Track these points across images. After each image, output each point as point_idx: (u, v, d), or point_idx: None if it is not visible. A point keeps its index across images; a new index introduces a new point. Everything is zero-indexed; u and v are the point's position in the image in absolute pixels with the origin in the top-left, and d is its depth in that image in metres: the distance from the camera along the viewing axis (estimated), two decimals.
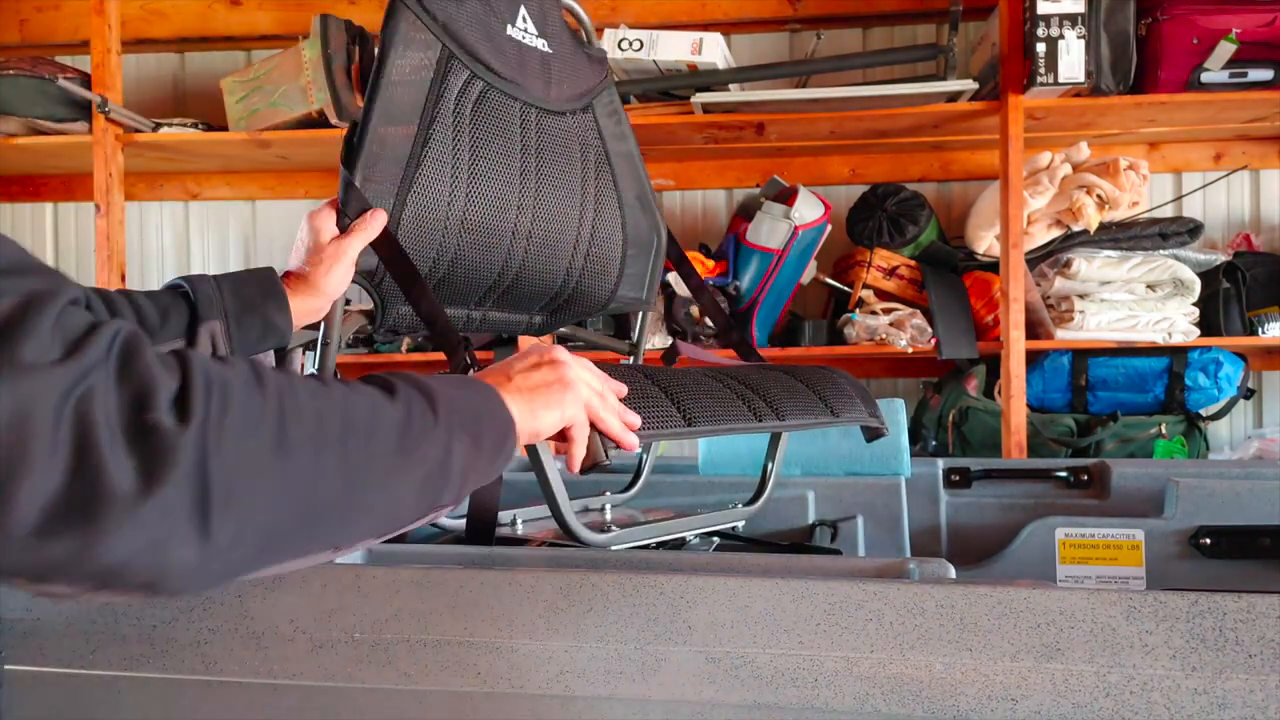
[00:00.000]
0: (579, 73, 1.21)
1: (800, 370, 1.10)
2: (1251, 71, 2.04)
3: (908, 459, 1.40)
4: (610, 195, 1.25)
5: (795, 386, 1.04)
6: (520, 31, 1.11)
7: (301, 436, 0.49)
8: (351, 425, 0.52)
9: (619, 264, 1.27)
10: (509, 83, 1.10)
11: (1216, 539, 1.24)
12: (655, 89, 2.24)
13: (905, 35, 2.56)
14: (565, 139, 1.19)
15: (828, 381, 1.09)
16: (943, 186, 2.61)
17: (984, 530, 1.46)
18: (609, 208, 1.25)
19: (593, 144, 1.23)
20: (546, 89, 1.15)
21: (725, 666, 0.59)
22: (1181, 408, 2.22)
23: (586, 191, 1.22)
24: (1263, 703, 0.54)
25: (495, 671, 0.61)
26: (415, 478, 0.56)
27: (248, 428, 0.46)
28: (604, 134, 1.25)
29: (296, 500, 0.49)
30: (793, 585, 0.62)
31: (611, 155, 1.26)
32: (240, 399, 0.46)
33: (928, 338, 2.24)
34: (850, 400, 1.08)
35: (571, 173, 1.19)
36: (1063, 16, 2.01)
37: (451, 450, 0.58)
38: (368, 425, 0.53)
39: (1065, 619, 0.57)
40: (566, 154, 1.19)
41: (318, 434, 0.50)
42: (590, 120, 1.23)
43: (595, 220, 1.23)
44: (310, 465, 0.49)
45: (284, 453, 0.47)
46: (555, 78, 1.17)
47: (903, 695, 0.57)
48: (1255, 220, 2.53)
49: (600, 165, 1.24)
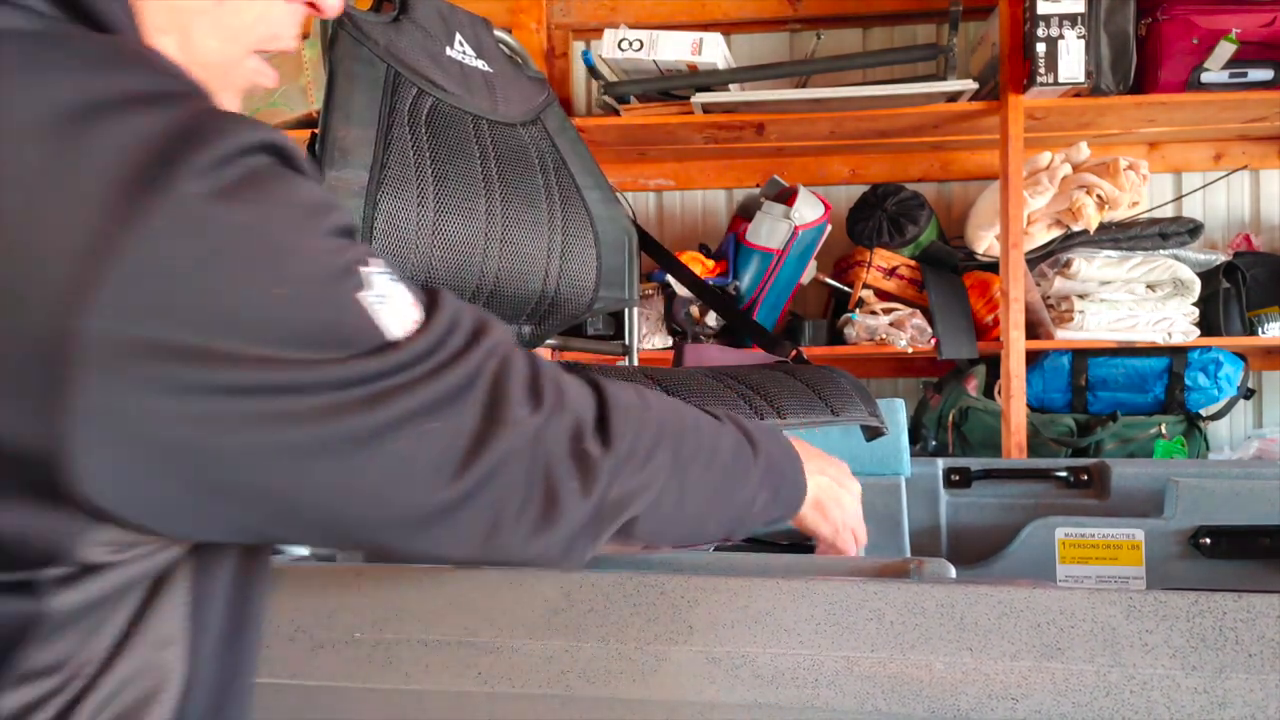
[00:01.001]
0: (523, 90, 1.26)
1: (801, 369, 1.11)
2: (1251, 71, 2.04)
3: (908, 459, 1.40)
4: (574, 198, 1.28)
5: (795, 385, 1.04)
6: (459, 53, 1.16)
7: (672, 455, 0.61)
8: (714, 456, 0.64)
9: (595, 265, 1.29)
10: (456, 96, 1.13)
11: (1216, 539, 1.24)
12: (655, 89, 2.23)
13: (905, 35, 2.56)
14: (520, 148, 1.22)
15: (828, 381, 1.09)
16: (943, 186, 2.61)
17: (984, 530, 1.46)
18: (575, 210, 1.27)
19: (548, 151, 1.26)
20: (494, 104, 1.19)
21: (726, 666, 0.60)
22: (1181, 408, 2.22)
23: (551, 196, 1.24)
24: (1262, 702, 0.54)
25: (496, 671, 0.61)
26: (727, 510, 0.66)
27: (641, 446, 0.58)
28: (556, 142, 1.28)
29: (667, 503, 0.61)
30: (793, 585, 0.62)
31: (568, 160, 1.28)
32: (636, 420, 0.58)
33: (928, 338, 2.24)
34: (850, 399, 1.08)
35: (532, 179, 1.22)
36: (1063, 16, 2.01)
37: (756, 497, 0.67)
38: (720, 454, 0.65)
39: (1065, 618, 0.57)
40: (524, 161, 1.22)
41: (682, 452, 0.61)
42: (541, 130, 1.27)
43: (564, 224, 1.25)
44: (680, 480, 0.61)
45: (676, 467, 0.60)
46: (500, 95, 1.21)
47: (903, 695, 0.57)
48: (1255, 220, 2.53)
49: (559, 170, 1.27)
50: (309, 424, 0.42)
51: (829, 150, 2.54)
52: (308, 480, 0.43)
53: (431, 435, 0.46)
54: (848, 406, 1.07)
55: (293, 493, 0.43)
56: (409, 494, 0.47)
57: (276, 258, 0.41)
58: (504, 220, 1.17)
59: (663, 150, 2.51)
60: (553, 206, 1.24)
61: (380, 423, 0.44)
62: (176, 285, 0.37)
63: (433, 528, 0.49)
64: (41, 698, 0.42)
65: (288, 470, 0.43)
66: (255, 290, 0.40)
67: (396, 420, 0.44)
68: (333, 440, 0.43)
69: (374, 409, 0.43)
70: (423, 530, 0.49)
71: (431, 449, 0.46)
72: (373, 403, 0.43)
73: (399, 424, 0.44)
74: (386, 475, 0.45)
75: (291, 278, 0.41)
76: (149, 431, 0.38)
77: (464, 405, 0.48)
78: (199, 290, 0.38)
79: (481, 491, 0.49)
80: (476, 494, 0.49)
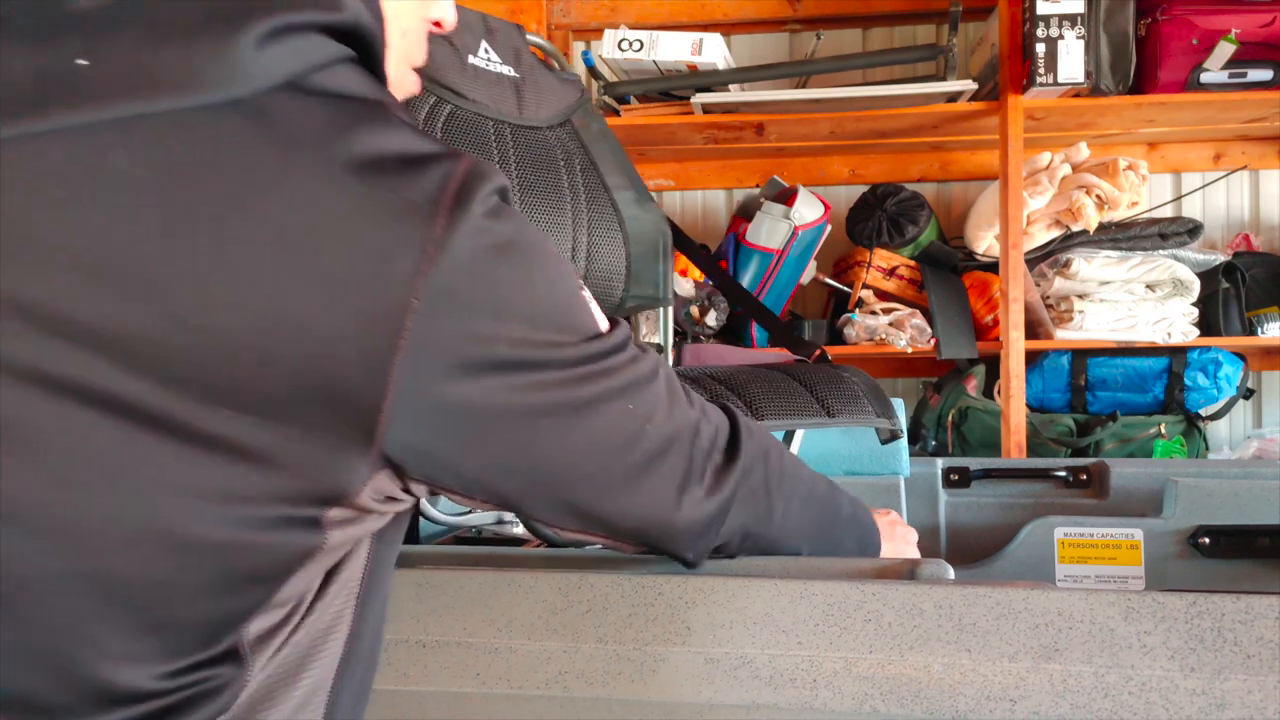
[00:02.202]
0: (554, 93, 1.26)
1: (807, 369, 1.11)
2: (1251, 72, 2.04)
3: (907, 459, 1.40)
4: (602, 199, 1.27)
5: (789, 386, 1.04)
6: (484, 60, 1.18)
7: (788, 493, 0.69)
8: (814, 499, 0.74)
9: (623, 264, 1.28)
10: (476, 103, 1.16)
11: (1215, 539, 1.24)
12: (655, 89, 2.23)
13: (905, 35, 2.56)
14: (544, 150, 1.22)
15: (833, 381, 1.09)
16: (942, 186, 2.61)
17: (983, 530, 1.46)
18: (602, 210, 1.27)
19: (576, 152, 1.26)
20: (519, 108, 1.21)
21: (724, 667, 0.60)
22: (1181, 408, 2.22)
23: (576, 198, 1.24)
24: (1261, 703, 0.54)
25: (494, 672, 0.61)
26: (820, 544, 0.75)
27: (757, 475, 0.65)
28: (585, 143, 1.28)
29: (775, 531, 0.69)
30: (791, 586, 0.62)
31: (597, 161, 1.28)
32: (758, 444, 0.66)
33: (927, 338, 2.24)
34: (856, 401, 1.08)
35: (556, 181, 1.22)
36: (1062, 17, 2.01)
37: (843, 539, 0.78)
38: (824, 503, 0.75)
39: (1064, 620, 0.57)
40: (547, 163, 1.22)
41: (796, 497, 0.70)
42: (570, 131, 1.27)
43: (589, 223, 1.25)
44: (788, 516, 0.69)
45: (782, 501, 0.68)
46: (527, 100, 1.22)
47: (901, 696, 0.57)
48: (1255, 220, 2.53)
49: (587, 171, 1.26)
50: (555, 391, 0.51)
51: (829, 150, 2.54)
52: (538, 437, 0.52)
53: (627, 415, 0.55)
54: (850, 408, 1.06)
55: (526, 446, 0.52)
56: (610, 457, 0.56)
57: (544, 259, 0.51)
58: None
59: (663, 150, 2.51)
60: (577, 206, 1.24)
61: (595, 394, 0.53)
62: (476, 282, 0.48)
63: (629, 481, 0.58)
64: (275, 625, 0.50)
65: (529, 429, 0.51)
66: (535, 285, 0.50)
67: (607, 394, 0.54)
68: (562, 406, 0.52)
69: (595, 382, 0.53)
70: (628, 485, 0.57)
71: (628, 425, 0.55)
72: (593, 378, 0.53)
73: (609, 397, 0.54)
74: (593, 438, 0.54)
75: (556, 276, 0.52)
76: (442, 401, 0.47)
77: (652, 389, 0.57)
78: (493, 284, 0.48)
79: (664, 457, 0.58)
80: (660, 460, 0.58)
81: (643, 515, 0.58)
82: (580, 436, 0.53)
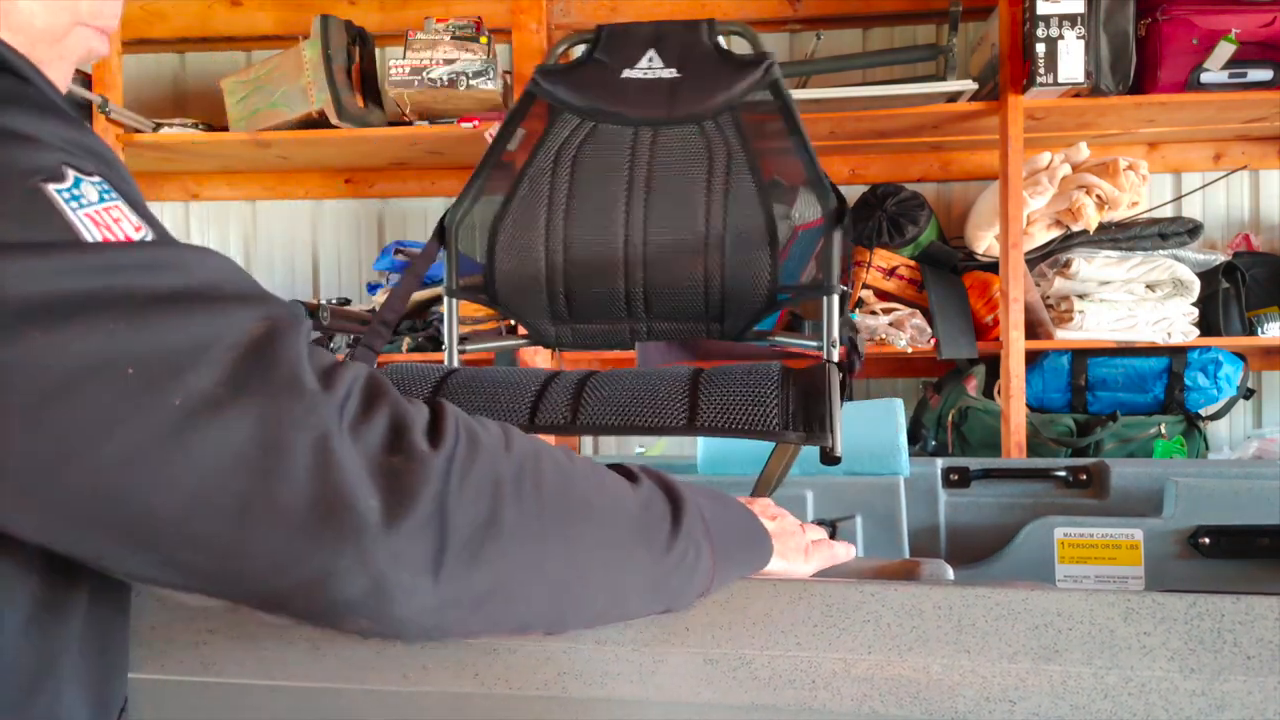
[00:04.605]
0: (717, 83, 1.25)
1: (725, 373, 1.02)
2: (1251, 72, 2.04)
3: (906, 459, 1.40)
4: (747, 188, 1.25)
5: (667, 391, 0.98)
6: (642, 70, 1.25)
7: (538, 503, 0.48)
8: (588, 506, 0.51)
9: (768, 255, 1.25)
10: (617, 115, 1.25)
11: (1215, 539, 1.24)
12: None
13: (905, 35, 2.56)
14: (683, 146, 1.26)
15: (731, 386, 0.98)
16: (942, 186, 2.61)
17: (983, 530, 1.46)
18: (745, 201, 1.25)
19: (720, 145, 1.26)
20: (670, 109, 1.24)
21: (723, 668, 0.60)
22: (1181, 408, 2.22)
23: (714, 190, 1.25)
24: (1261, 704, 0.54)
25: (493, 673, 0.61)
26: (644, 577, 0.54)
27: (487, 478, 0.46)
28: (745, 132, 1.25)
29: (521, 563, 0.48)
30: (790, 586, 0.62)
31: (753, 149, 1.25)
32: (487, 448, 0.47)
33: (927, 338, 2.24)
34: (729, 413, 0.95)
35: (692, 175, 1.25)
36: (1062, 17, 2.01)
37: (687, 556, 0.56)
38: (605, 510, 0.52)
39: (1063, 620, 0.57)
40: (685, 158, 1.26)
41: (555, 505, 0.49)
42: (728, 120, 1.25)
43: (728, 216, 1.24)
44: (541, 535, 0.48)
45: (518, 513, 0.47)
46: (680, 98, 1.24)
47: (900, 697, 0.57)
48: (1255, 220, 2.53)
49: (735, 160, 1.25)
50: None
51: (829, 150, 2.54)
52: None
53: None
54: (720, 421, 0.95)
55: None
56: None
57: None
58: (646, 223, 1.25)
59: None
60: (714, 201, 1.24)
61: None
62: None
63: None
64: None
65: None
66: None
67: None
68: None
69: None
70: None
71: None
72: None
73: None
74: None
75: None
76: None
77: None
78: None
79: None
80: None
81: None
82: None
